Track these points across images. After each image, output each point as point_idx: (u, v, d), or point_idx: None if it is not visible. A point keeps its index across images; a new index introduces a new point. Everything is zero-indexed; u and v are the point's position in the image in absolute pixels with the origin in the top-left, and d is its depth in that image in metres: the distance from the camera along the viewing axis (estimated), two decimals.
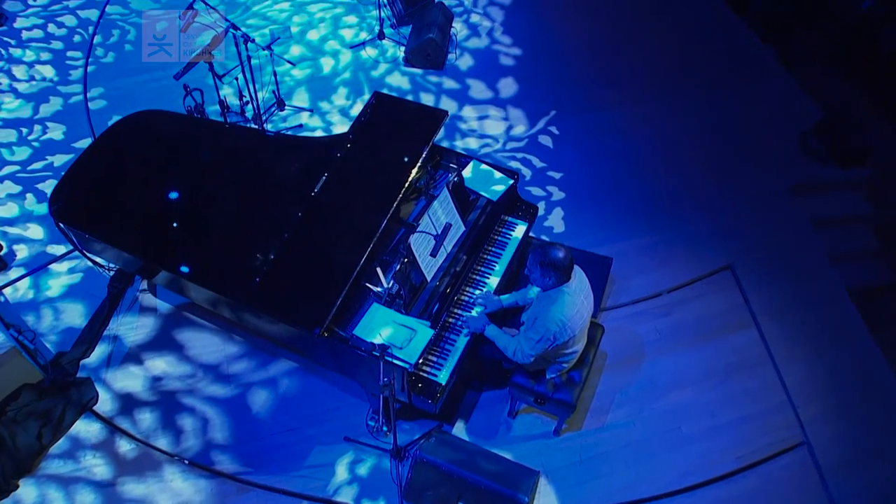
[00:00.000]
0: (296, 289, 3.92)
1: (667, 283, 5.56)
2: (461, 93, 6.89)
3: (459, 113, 6.69)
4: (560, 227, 5.82)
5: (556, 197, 6.09)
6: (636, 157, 6.41)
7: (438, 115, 4.56)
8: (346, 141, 4.46)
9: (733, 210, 6.09)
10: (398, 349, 3.74)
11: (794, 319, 5.44)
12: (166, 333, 5.11)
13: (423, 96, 6.78)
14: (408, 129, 4.55)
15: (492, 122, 6.63)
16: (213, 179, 4.43)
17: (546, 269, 3.69)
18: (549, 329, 3.77)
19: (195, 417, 4.73)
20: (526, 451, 4.64)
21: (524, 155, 6.34)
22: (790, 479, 4.73)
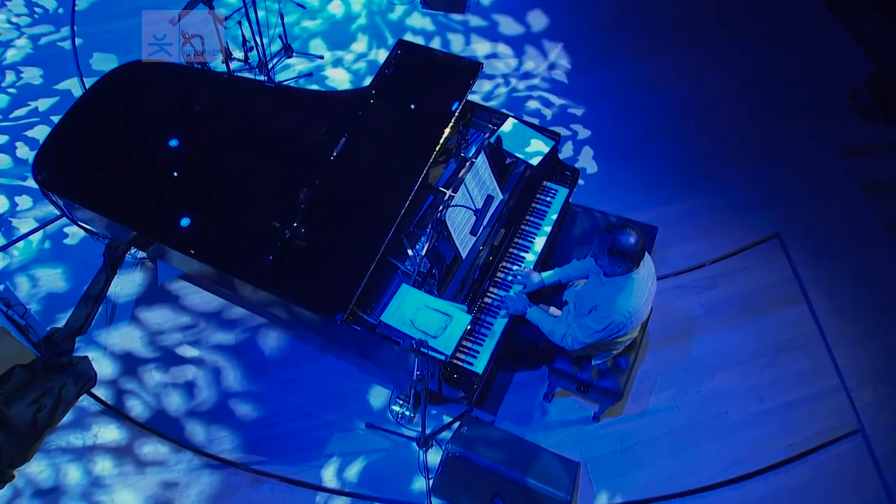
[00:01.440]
0: (313, 268, 3.48)
1: (710, 254, 5.13)
2: (490, 31, 6.31)
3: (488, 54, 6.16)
4: (591, 191, 5.34)
5: (586, 155, 5.60)
6: (671, 114, 5.88)
7: (473, 68, 4.03)
8: (369, 96, 3.94)
9: (778, 173, 5.61)
10: (432, 338, 3.33)
11: (846, 295, 5.04)
12: (158, 285, 4.74)
13: (451, 38, 6.19)
14: (437, 83, 4.03)
15: (510, 66, 6.06)
16: (218, 141, 3.93)
17: (615, 257, 3.25)
18: (615, 320, 3.36)
19: (205, 369, 4.44)
20: (564, 438, 4.30)
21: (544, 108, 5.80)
22: (843, 469, 4.41)
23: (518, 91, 5.90)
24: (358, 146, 3.79)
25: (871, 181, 5.82)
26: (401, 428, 4.20)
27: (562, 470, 3.95)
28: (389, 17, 6.17)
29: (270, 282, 3.44)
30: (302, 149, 3.82)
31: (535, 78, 5.96)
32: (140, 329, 4.57)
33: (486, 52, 6.11)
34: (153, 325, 4.58)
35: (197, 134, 3.95)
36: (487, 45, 6.17)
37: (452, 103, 3.90)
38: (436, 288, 3.60)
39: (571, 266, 3.86)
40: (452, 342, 3.33)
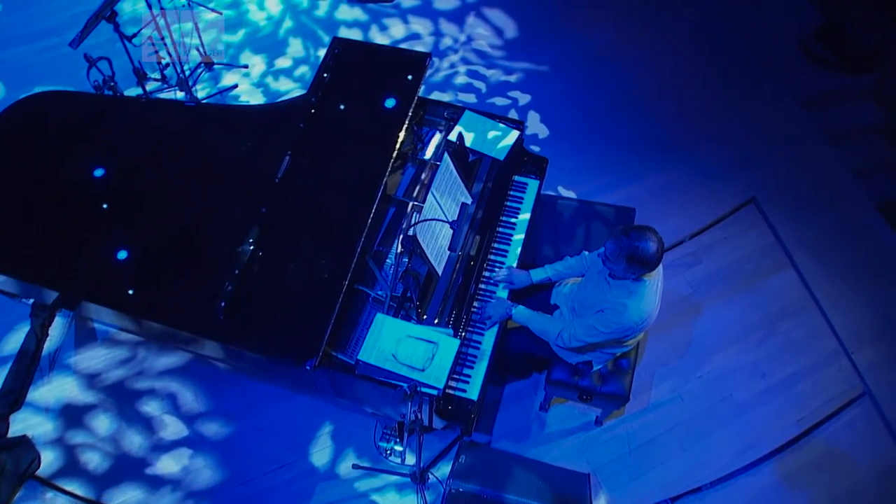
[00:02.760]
0: (273, 309, 3.04)
1: (688, 228, 4.88)
2: (427, 9, 5.88)
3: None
4: (556, 176, 5.00)
5: (542, 136, 5.26)
6: (626, 86, 5.58)
7: (420, 60, 3.63)
8: (309, 106, 3.50)
9: (743, 135, 5.38)
10: (419, 371, 2.94)
11: (831, 254, 4.86)
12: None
13: (388, 24, 5.72)
14: (384, 82, 3.61)
15: (454, 45, 5.66)
16: (143, 176, 3.43)
17: (634, 265, 2.91)
18: (624, 325, 3.03)
19: (159, 400, 4.01)
20: (567, 449, 3.99)
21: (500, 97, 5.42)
22: (856, 435, 4.23)
23: (460, 73, 5.50)
24: (304, 163, 3.35)
25: (835, 131, 5.67)
26: (392, 465, 3.81)
27: (573, 486, 3.62)
28: (316, 15, 5.67)
29: (225, 332, 2.99)
30: (242, 174, 3.36)
31: (477, 64, 5.57)
32: (75, 376, 4.07)
33: (429, 32, 5.71)
34: (88, 368, 4.08)
35: (119, 171, 3.43)
36: (429, 24, 5.76)
37: (403, 102, 3.50)
38: (414, 313, 3.20)
39: (564, 264, 3.52)
40: (443, 373, 2.94)
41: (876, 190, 5.46)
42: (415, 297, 3.16)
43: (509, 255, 3.67)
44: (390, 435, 3.80)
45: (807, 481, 4.02)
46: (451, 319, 3.24)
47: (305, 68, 5.36)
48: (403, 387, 2.61)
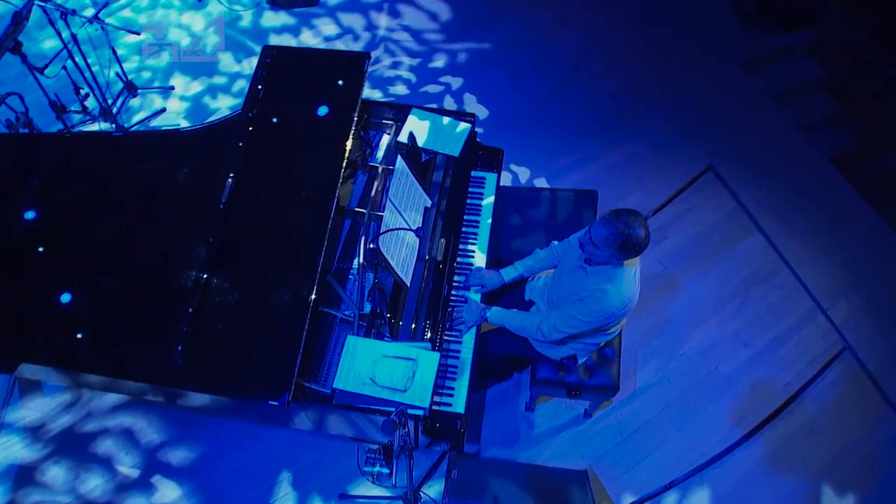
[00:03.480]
0: (236, 345, 2.80)
1: (650, 203, 4.78)
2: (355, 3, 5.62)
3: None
4: (509, 164, 4.84)
5: (490, 125, 5.09)
6: (569, 64, 5.45)
7: (359, 61, 3.41)
8: (246, 122, 3.25)
9: (691, 103, 5.32)
10: (401, 392, 2.74)
11: (792, 212, 4.84)
12: None
13: (318, 24, 5.44)
14: (323, 88, 3.39)
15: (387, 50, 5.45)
16: (77, 215, 3.13)
17: (625, 252, 2.76)
18: (605, 311, 2.89)
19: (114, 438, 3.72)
20: (560, 447, 3.84)
21: (438, 86, 5.23)
22: (843, 393, 4.20)
23: (398, 65, 5.28)
24: (249, 185, 3.11)
25: (779, 89, 5.65)
26: (381, 489, 3.60)
27: (573, 485, 3.48)
28: (241, 26, 5.36)
29: (187, 377, 2.74)
30: (183, 203, 3.10)
31: (413, 55, 5.36)
32: (19, 433, 3.75)
33: (362, 27, 5.46)
34: (33, 422, 3.78)
35: (47, 216, 3.12)
36: (360, 19, 5.51)
37: (347, 108, 3.28)
38: (387, 330, 3.00)
39: (534, 258, 3.37)
40: (427, 392, 2.75)
41: (826, 143, 5.46)
42: (385, 314, 2.95)
43: (476, 254, 3.50)
44: (375, 458, 3.58)
45: (801, 447, 3.97)
46: (426, 332, 3.05)
47: (243, 82, 5.07)
48: (391, 416, 2.40)
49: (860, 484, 3.90)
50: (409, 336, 3.04)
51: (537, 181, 4.76)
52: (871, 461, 3.98)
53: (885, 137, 5.71)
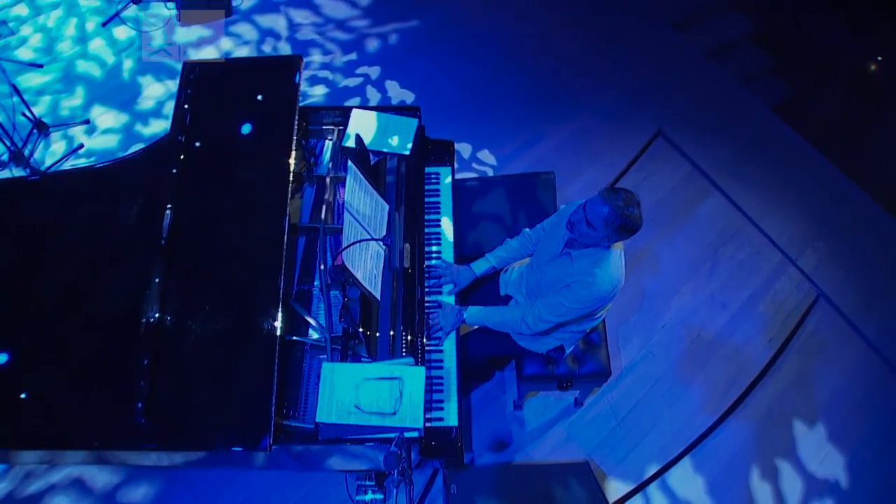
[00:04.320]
0: (203, 393, 2.53)
1: (606, 177, 4.67)
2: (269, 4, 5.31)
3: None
4: (460, 154, 4.65)
5: (435, 122, 4.81)
6: (502, 45, 5.26)
7: (291, 66, 3.15)
8: (177, 146, 2.96)
9: (630, 70, 5.23)
10: (391, 416, 2.52)
11: (746, 166, 4.83)
12: None
13: (239, 31, 5.10)
14: (256, 99, 3.11)
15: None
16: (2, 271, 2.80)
17: (622, 233, 2.63)
18: (594, 295, 2.73)
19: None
20: (555, 441, 3.69)
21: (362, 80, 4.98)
22: (825, 341, 4.20)
23: (327, 61, 5.00)
24: (191, 214, 2.82)
25: (712, 47, 5.64)
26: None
27: (576, 479, 3.32)
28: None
29: (153, 436, 2.45)
30: (121, 243, 2.79)
31: (342, 48, 5.09)
32: None
33: (284, 26, 5.16)
34: None
35: None
36: (279, 19, 5.19)
37: (285, 118, 3.02)
38: (364, 349, 2.77)
39: (506, 249, 3.19)
40: (418, 410, 2.53)
41: (766, 94, 5.48)
42: (359, 333, 2.72)
43: (443, 255, 3.29)
44: (366, 486, 3.35)
45: (793, 400, 3.93)
46: (405, 345, 2.83)
47: (172, 103, 4.67)
48: (391, 447, 2.18)
49: (857, 428, 3.88)
50: (389, 353, 2.81)
51: (488, 170, 4.58)
52: (862, 405, 3.97)
53: (818, 83, 5.78)
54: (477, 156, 4.64)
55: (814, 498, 3.66)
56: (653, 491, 3.59)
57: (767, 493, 3.65)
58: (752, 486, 3.66)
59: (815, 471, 3.73)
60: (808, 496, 3.66)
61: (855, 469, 3.76)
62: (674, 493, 3.59)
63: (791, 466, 3.73)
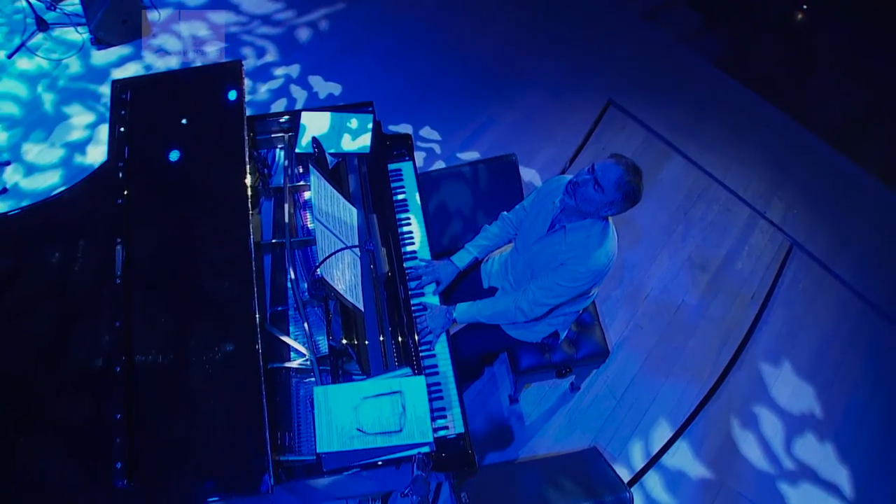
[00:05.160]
0: (188, 440, 2.27)
1: (565, 152, 4.55)
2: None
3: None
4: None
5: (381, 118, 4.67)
6: (436, 33, 5.09)
7: (232, 71, 2.89)
8: (118, 174, 2.67)
9: (570, 42, 5.14)
10: (398, 434, 2.32)
11: (700, 123, 4.82)
12: None
13: (162, 44, 4.77)
14: (198, 112, 2.85)
15: None
16: None
17: (627, 201, 2.47)
18: (592, 270, 2.58)
19: None
20: (558, 430, 3.55)
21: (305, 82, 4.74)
22: (805, 289, 4.21)
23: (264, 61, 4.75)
24: (144, 246, 2.55)
25: (647, 8, 5.60)
26: None
27: (588, 465, 3.21)
28: (73, 73, 4.57)
29: (140, 498, 2.19)
30: (72, 292, 2.49)
31: (277, 48, 4.83)
32: None
33: (204, 30, 4.86)
34: None
35: None
36: (199, 25, 4.88)
37: (233, 129, 2.77)
38: (355, 366, 2.56)
39: (486, 236, 3.03)
40: (426, 423, 2.35)
41: (705, 51, 5.46)
42: (349, 349, 2.51)
43: (419, 254, 3.10)
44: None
45: (787, 350, 3.92)
46: (396, 350, 2.64)
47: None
48: (413, 470, 1.99)
49: (850, 370, 3.88)
50: (382, 364, 2.61)
51: (441, 163, 4.40)
52: (852, 345, 3.97)
53: (751, 35, 5.80)
54: (428, 147, 4.46)
55: (827, 439, 3.64)
56: (666, 462, 3.49)
57: (797, 449, 3.63)
58: (769, 439, 3.60)
59: (818, 415, 3.71)
60: (821, 439, 3.63)
61: (855, 411, 3.75)
62: (687, 461, 3.50)
63: (794, 416, 3.70)
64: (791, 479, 3.52)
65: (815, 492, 3.50)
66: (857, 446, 3.64)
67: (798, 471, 3.55)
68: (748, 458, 3.55)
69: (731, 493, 3.44)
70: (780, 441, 3.61)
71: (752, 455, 3.56)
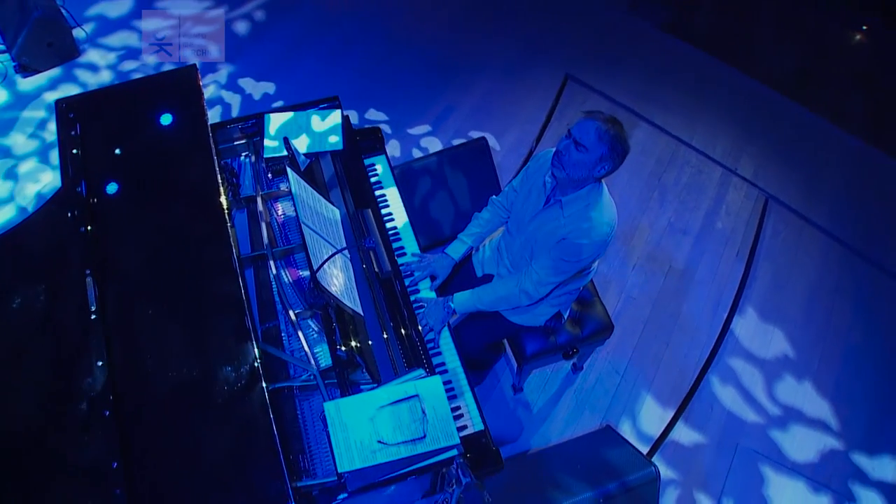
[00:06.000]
0: (195, 479, 2.08)
1: (530, 132, 4.46)
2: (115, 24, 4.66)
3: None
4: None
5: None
6: (385, 24, 4.93)
7: (187, 78, 2.67)
8: (78, 200, 2.44)
9: (514, 20, 5.06)
10: (422, 441, 2.17)
11: (658, 88, 4.81)
12: None
13: (93, 60, 4.46)
14: (156, 126, 2.62)
15: None
16: None
17: (615, 155, 2.36)
18: (595, 240, 2.47)
19: None
20: (568, 414, 3.46)
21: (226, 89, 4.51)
22: (786, 240, 4.22)
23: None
24: (117, 274, 2.33)
25: None
26: None
27: (606, 446, 3.12)
28: (1, 102, 4.22)
29: None
30: (46, 334, 2.26)
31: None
32: None
33: (136, 40, 4.58)
34: None
35: None
36: (129, 35, 4.59)
37: (198, 139, 2.56)
38: (361, 374, 2.40)
39: (478, 223, 2.90)
40: (450, 424, 2.20)
41: (651, 16, 5.44)
42: (357, 357, 2.35)
43: (407, 249, 2.96)
44: None
45: (778, 303, 3.91)
46: (406, 359, 2.48)
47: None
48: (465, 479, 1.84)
49: (842, 315, 3.89)
50: (392, 371, 2.45)
51: (410, 155, 4.25)
52: (839, 290, 3.98)
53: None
54: (397, 136, 4.30)
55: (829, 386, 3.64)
56: (679, 429, 3.42)
57: (805, 399, 3.62)
58: (776, 394, 3.59)
59: (817, 370, 3.70)
60: (819, 392, 3.63)
61: (853, 355, 3.76)
62: (700, 426, 3.44)
63: (798, 366, 3.69)
64: (784, 426, 3.50)
65: (823, 439, 3.48)
66: (862, 389, 3.65)
67: (805, 419, 3.54)
68: (757, 415, 3.52)
69: (746, 452, 3.39)
70: (787, 394, 3.60)
71: (759, 412, 3.53)
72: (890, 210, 4.38)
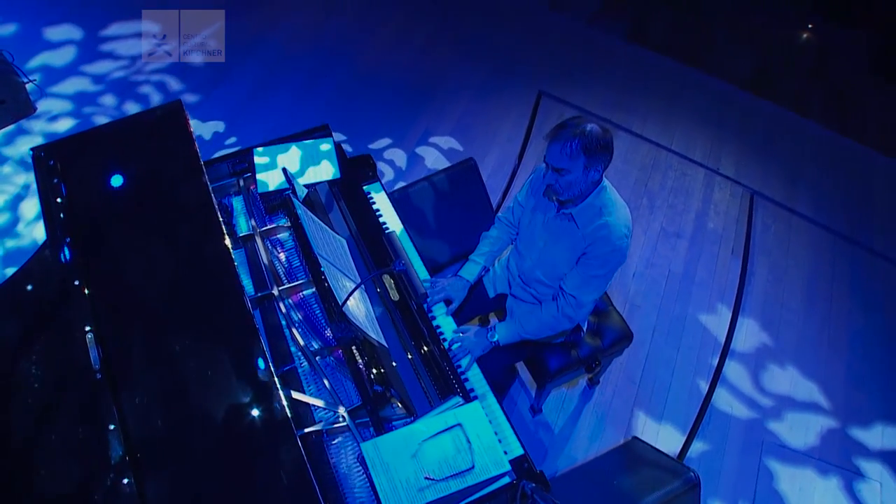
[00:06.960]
0: None
1: (510, 151, 4.42)
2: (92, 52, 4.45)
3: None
4: None
5: None
6: (355, 49, 4.86)
7: (173, 115, 2.52)
8: (65, 251, 2.25)
9: (483, 42, 5.06)
10: (472, 473, 2.04)
11: (628, 94, 4.88)
12: None
13: (50, 107, 4.25)
14: (146, 169, 2.45)
15: None
16: None
17: (597, 155, 2.27)
18: (617, 246, 2.40)
19: None
20: (589, 430, 3.36)
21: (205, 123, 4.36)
22: (777, 233, 4.28)
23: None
24: (119, 330, 2.14)
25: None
26: None
27: (636, 457, 3.01)
28: None
29: None
30: (51, 400, 2.06)
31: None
32: None
33: (88, 84, 4.41)
34: None
35: None
36: (82, 81, 4.42)
37: (193, 181, 2.41)
38: (397, 408, 2.25)
39: (487, 243, 2.84)
40: (497, 450, 2.08)
41: (611, 28, 5.50)
42: (392, 390, 2.20)
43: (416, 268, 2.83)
44: None
45: (780, 297, 3.90)
46: (439, 388, 2.35)
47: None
48: (539, 501, 1.71)
49: (842, 301, 3.90)
50: (427, 402, 2.31)
51: (393, 184, 4.15)
52: (836, 276, 4.00)
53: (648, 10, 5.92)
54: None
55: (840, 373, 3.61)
56: (704, 431, 3.35)
57: (817, 390, 3.58)
58: (792, 385, 3.54)
59: (828, 357, 3.69)
60: (835, 374, 3.60)
61: (859, 339, 3.77)
62: (723, 425, 3.37)
63: (807, 356, 3.68)
64: (802, 417, 3.46)
65: (842, 427, 3.45)
66: (870, 372, 3.65)
67: (829, 410, 3.50)
68: (777, 410, 3.47)
69: (772, 448, 3.33)
70: (803, 386, 3.57)
71: (778, 407, 3.48)
72: (867, 193, 4.46)
